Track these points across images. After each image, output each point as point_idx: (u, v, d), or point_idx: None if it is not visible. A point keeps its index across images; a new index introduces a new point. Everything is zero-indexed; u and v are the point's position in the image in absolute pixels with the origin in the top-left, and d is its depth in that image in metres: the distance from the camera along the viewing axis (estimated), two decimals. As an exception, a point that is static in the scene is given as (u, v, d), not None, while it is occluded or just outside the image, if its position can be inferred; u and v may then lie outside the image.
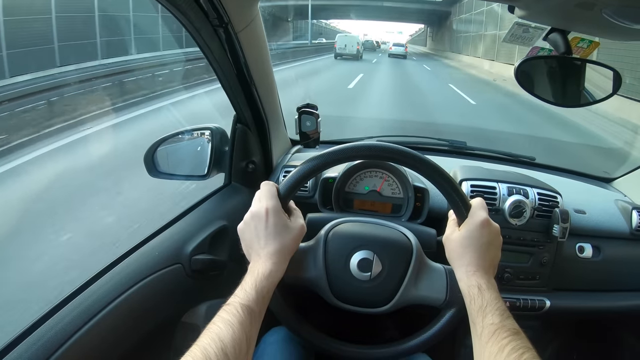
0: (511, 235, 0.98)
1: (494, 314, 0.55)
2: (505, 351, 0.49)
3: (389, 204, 1.01)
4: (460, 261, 0.63)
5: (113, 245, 1.98)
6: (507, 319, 0.54)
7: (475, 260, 0.62)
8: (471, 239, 0.63)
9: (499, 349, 0.50)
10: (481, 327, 0.54)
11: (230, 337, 0.50)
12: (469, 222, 0.64)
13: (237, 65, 0.80)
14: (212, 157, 0.97)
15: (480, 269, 0.61)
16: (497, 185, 1.00)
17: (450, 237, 0.66)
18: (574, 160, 4.30)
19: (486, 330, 0.53)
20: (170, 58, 8.64)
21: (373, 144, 0.66)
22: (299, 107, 1.01)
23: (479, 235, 0.63)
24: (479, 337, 0.54)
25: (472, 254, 0.62)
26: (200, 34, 0.72)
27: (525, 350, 0.49)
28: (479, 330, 0.54)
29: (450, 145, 1.32)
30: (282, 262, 0.62)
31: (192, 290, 0.85)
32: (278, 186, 0.65)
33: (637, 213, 1.08)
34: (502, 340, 0.51)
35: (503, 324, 0.53)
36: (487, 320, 0.54)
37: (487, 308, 0.56)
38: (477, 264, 0.61)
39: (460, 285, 0.62)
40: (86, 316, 0.64)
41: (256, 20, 0.77)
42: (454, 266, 0.65)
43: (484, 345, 0.52)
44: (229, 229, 0.91)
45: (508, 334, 0.51)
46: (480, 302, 0.57)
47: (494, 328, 0.53)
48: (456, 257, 0.64)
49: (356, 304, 0.70)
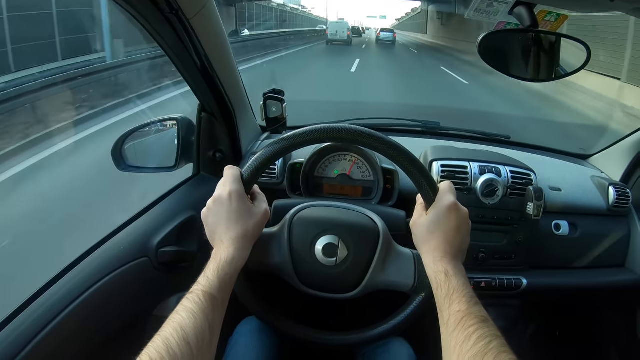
0: (484, 214, 0.97)
1: (461, 301, 0.54)
2: (472, 339, 0.48)
3: (360, 187, 1.00)
4: (427, 247, 0.62)
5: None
6: (474, 306, 0.53)
7: (443, 246, 0.60)
8: (438, 224, 0.61)
9: (466, 337, 0.49)
10: (448, 314, 0.53)
11: (193, 325, 0.50)
12: (436, 206, 0.63)
13: (194, 53, 0.79)
14: (179, 147, 0.96)
15: (447, 254, 0.60)
16: (468, 164, 0.99)
17: (417, 221, 0.65)
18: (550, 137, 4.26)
19: (453, 317, 0.52)
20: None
21: (336, 126, 0.65)
22: (265, 92, 1.00)
23: (447, 220, 0.61)
24: (445, 324, 0.53)
25: (439, 239, 0.61)
26: (150, 23, 0.71)
27: (493, 339, 0.48)
28: (446, 318, 0.53)
29: (424, 125, 1.31)
30: (245, 247, 0.62)
31: (162, 283, 0.85)
32: (242, 170, 0.65)
33: (614, 189, 1.08)
34: (469, 328, 0.49)
35: (470, 311, 0.52)
36: (454, 308, 0.53)
37: (454, 295, 0.55)
38: (445, 249, 0.60)
39: (427, 272, 0.61)
40: (52, 314, 0.63)
41: (209, 6, 0.75)
42: (421, 252, 0.64)
43: (450, 333, 0.51)
44: (197, 219, 0.90)
45: (475, 321, 0.50)
46: (447, 289, 0.56)
47: (461, 315, 0.52)
48: (423, 242, 0.63)
49: (323, 289, 0.70)
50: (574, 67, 0.85)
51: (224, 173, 0.65)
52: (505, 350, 0.46)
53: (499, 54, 0.85)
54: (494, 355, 0.45)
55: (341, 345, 0.72)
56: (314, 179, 1.00)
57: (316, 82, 8.73)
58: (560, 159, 1.24)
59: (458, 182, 0.98)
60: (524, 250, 1.01)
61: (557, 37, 0.83)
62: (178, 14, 0.69)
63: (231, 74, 0.90)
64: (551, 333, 1.34)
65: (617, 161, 1.17)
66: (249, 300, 0.70)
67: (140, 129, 0.97)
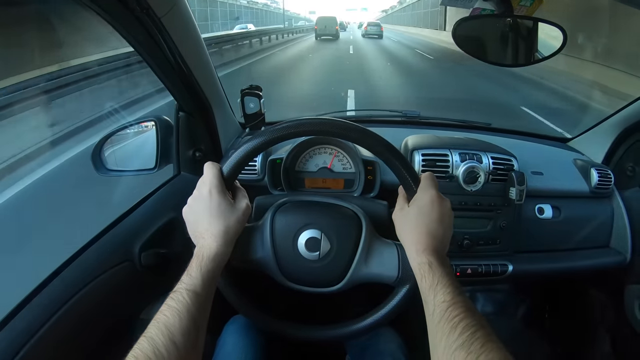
0: (467, 201, 0.98)
1: (446, 291, 0.53)
2: (457, 330, 0.48)
3: (341, 179, 1.00)
4: (410, 238, 0.61)
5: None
6: (459, 296, 0.53)
7: (425, 238, 0.60)
8: (420, 216, 0.61)
9: (451, 327, 0.48)
10: (433, 305, 0.53)
11: (178, 324, 0.49)
12: (418, 197, 0.62)
13: (167, 52, 0.77)
14: (158, 148, 0.95)
15: (430, 246, 0.59)
16: (449, 152, 0.99)
17: (399, 213, 0.65)
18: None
19: (438, 308, 0.52)
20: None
21: (313, 119, 0.65)
22: (242, 89, 0.99)
23: (429, 212, 0.61)
24: (431, 315, 0.53)
25: (422, 231, 0.60)
26: (121, 24, 0.69)
27: (479, 328, 0.47)
28: (431, 309, 0.53)
29: (404, 115, 1.31)
30: (228, 243, 0.62)
31: (148, 285, 0.84)
32: (222, 167, 0.64)
33: (596, 171, 1.09)
34: (454, 319, 0.49)
35: (455, 301, 0.52)
36: (439, 298, 0.53)
37: (438, 286, 0.54)
38: (427, 241, 0.60)
39: (410, 263, 0.61)
40: (37, 324, 0.63)
41: (180, 3, 0.74)
42: (403, 244, 0.63)
43: (436, 324, 0.51)
44: (180, 220, 0.89)
45: (460, 311, 0.50)
46: (431, 280, 0.55)
47: (446, 306, 0.51)
48: (406, 234, 0.63)
49: (307, 284, 0.70)
50: (551, 50, 0.86)
51: (204, 170, 0.64)
52: (492, 339, 0.46)
53: (475, 40, 0.85)
54: (480, 344, 0.45)
55: (328, 339, 0.72)
56: (295, 173, 1.00)
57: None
58: (542, 143, 1.25)
59: (439, 171, 0.98)
60: (508, 235, 1.02)
61: (533, 21, 0.83)
62: (149, 12, 0.68)
63: (207, 71, 0.89)
64: (541, 315, 1.36)
65: (599, 143, 1.18)
66: (234, 299, 0.70)
67: (118, 132, 0.96)
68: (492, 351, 0.44)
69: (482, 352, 0.44)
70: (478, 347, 0.45)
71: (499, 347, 0.45)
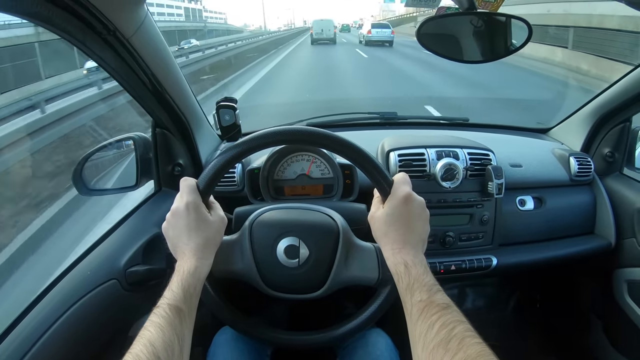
0: (446, 198, 0.99)
1: (422, 290, 0.54)
2: (435, 328, 0.48)
3: (320, 185, 1.00)
4: (386, 239, 0.62)
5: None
6: (435, 294, 0.53)
7: (401, 237, 0.60)
8: (395, 216, 0.61)
9: (429, 326, 0.49)
10: (410, 305, 0.53)
11: (161, 340, 0.50)
12: (392, 198, 0.63)
13: (140, 71, 0.78)
14: (138, 166, 0.95)
15: (406, 245, 0.60)
16: (425, 151, 1.00)
17: (374, 215, 0.65)
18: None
19: (415, 308, 0.52)
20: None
21: (284, 128, 0.65)
22: (218, 101, 1.00)
23: (404, 212, 0.61)
24: (409, 315, 0.53)
25: (397, 231, 0.61)
26: (89, 48, 0.70)
27: (456, 324, 0.48)
28: (409, 309, 0.53)
29: (381, 117, 1.31)
30: (207, 256, 0.62)
31: (134, 303, 0.85)
32: (197, 181, 0.65)
33: (575, 159, 1.10)
34: (431, 317, 0.50)
35: (431, 299, 0.52)
36: (415, 298, 0.53)
37: (415, 285, 0.55)
38: (403, 240, 0.60)
39: (387, 264, 0.61)
40: (27, 346, 0.63)
41: (147, 22, 0.75)
42: (380, 245, 0.64)
43: (414, 323, 0.51)
44: (162, 235, 0.90)
45: (437, 309, 0.50)
46: (407, 280, 0.56)
47: (423, 305, 0.52)
48: (381, 235, 0.63)
49: (289, 291, 0.70)
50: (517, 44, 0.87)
51: (180, 185, 0.65)
52: (470, 334, 0.47)
53: (442, 40, 0.86)
54: (458, 340, 0.46)
55: (316, 345, 0.73)
56: (274, 182, 1.00)
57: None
58: (519, 135, 1.26)
59: (416, 170, 0.99)
60: (490, 229, 1.03)
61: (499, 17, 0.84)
62: (116, 34, 0.69)
63: (180, 87, 0.89)
64: (532, 305, 1.37)
65: (576, 132, 1.20)
66: (220, 311, 0.71)
67: (98, 151, 0.96)
68: (470, 346, 0.45)
69: (460, 348, 0.45)
70: (456, 345, 0.45)
71: (477, 342, 0.46)
